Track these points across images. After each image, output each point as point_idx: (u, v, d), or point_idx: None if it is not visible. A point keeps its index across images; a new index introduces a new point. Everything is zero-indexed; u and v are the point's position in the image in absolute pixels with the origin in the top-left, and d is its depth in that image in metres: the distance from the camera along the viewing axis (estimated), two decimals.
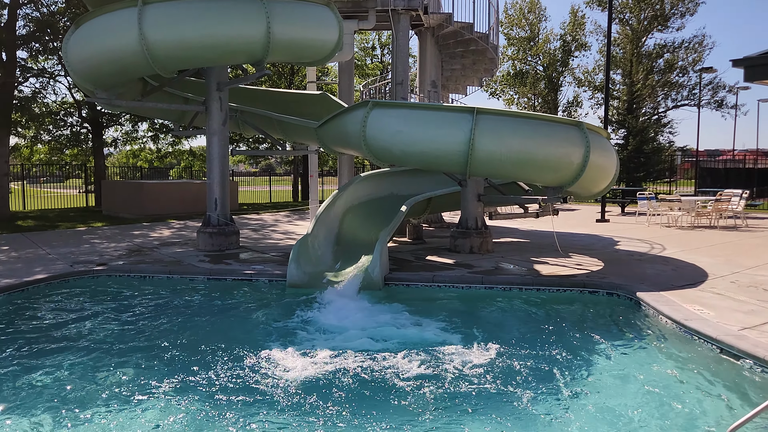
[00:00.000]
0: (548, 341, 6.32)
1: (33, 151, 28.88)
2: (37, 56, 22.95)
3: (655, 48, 35.83)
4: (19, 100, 21.37)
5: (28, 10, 21.48)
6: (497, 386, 5.07)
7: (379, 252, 8.83)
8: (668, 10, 34.55)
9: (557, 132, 9.16)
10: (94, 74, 10.40)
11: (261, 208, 25.89)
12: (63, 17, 21.73)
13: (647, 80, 34.35)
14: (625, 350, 6.07)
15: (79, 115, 26.26)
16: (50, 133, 26.51)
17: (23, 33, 20.99)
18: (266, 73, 10.84)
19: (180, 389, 5.05)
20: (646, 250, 11.81)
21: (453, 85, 22.05)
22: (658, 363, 5.68)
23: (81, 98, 24.69)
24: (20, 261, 10.49)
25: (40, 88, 23.65)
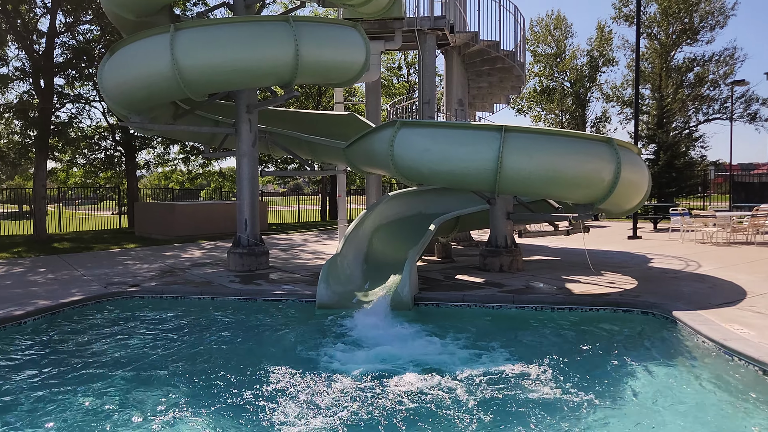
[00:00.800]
0: (582, 362, 6.19)
1: (69, 174, 29.64)
2: (73, 82, 23.66)
3: (684, 62, 35.42)
4: (56, 126, 21.98)
5: (65, 38, 22.20)
6: (529, 410, 4.97)
7: (408, 272, 8.80)
8: (697, 23, 34.18)
9: (587, 148, 9.07)
10: (128, 99, 10.66)
11: (290, 228, 26.08)
12: (98, 44, 22.41)
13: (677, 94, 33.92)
14: (662, 372, 5.91)
15: (113, 138, 26.91)
16: (85, 156, 27.22)
17: (60, 60, 21.67)
18: (295, 95, 10.99)
19: (211, 410, 5.07)
20: (680, 268, 11.56)
21: (480, 103, 22.03)
22: (696, 385, 5.51)
23: (115, 122, 25.32)
24: (57, 282, 10.72)
25: (76, 114, 24.38)
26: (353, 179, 37.11)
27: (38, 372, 6.15)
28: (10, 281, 10.97)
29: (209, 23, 10.53)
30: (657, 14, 34.90)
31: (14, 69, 22.27)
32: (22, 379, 5.93)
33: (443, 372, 5.85)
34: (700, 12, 34.05)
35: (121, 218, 27.81)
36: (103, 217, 29.50)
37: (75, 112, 24.49)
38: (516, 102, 40.77)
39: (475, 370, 5.88)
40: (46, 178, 21.22)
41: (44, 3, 20.97)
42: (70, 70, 21.90)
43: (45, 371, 6.18)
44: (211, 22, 11.22)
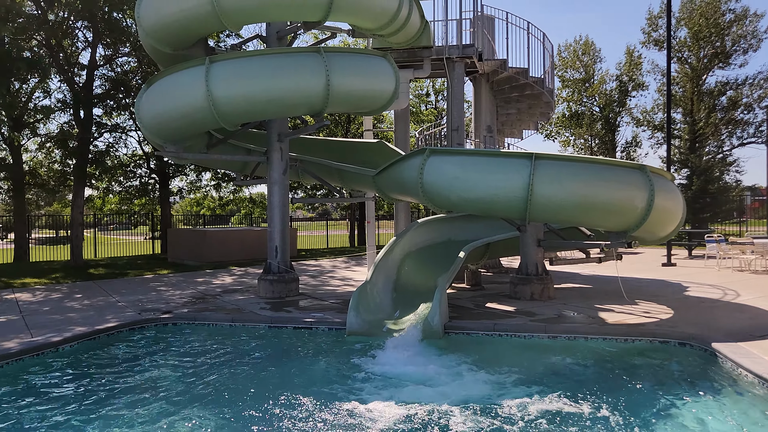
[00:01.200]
0: (618, 396, 6.05)
1: (105, 201, 30.38)
2: (111, 113, 24.42)
3: (716, 85, 34.95)
4: (94, 154, 22.63)
5: (104, 70, 22.98)
6: None
7: (438, 300, 8.76)
8: (729, 47, 33.79)
9: (619, 176, 8.99)
10: (164, 129, 10.95)
11: (319, 254, 26.21)
12: (135, 76, 23.13)
13: (710, 118, 33.43)
14: (702, 406, 5.74)
15: (148, 166, 27.56)
16: (121, 184, 27.90)
17: (99, 92, 22.41)
18: (325, 124, 11.15)
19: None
20: (718, 297, 11.27)
21: (508, 129, 22.04)
22: (739, 420, 5.34)
23: (150, 151, 25.95)
24: (92, 309, 10.93)
25: (113, 143, 25.10)
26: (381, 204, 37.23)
27: (74, 398, 6.26)
28: (49, 307, 11.23)
29: (243, 55, 10.80)
30: (687, 38, 34.63)
31: (56, 100, 23.12)
32: (59, 405, 6.03)
33: (474, 403, 5.78)
34: (732, 35, 33.68)
35: (154, 244, 28.31)
36: (137, 242, 30.09)
37: (112, 141, 25.23)
38: (545, 127, 40.62)
39: (508, 402, 5.79)
40: (83, 206, 21.78)
41: (86, 37, 21.78)
42: (108, 100, 22.61)
43: (80, 397, 6.28)
44: (245, 54, 11.52)
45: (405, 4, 11.18)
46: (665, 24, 20.99)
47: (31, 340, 8.11)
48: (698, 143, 30.91)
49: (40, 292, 13.50)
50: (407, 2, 11.28)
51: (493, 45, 15.96)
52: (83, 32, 21.64)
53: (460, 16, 14.78)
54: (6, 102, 19.29)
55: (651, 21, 36.09)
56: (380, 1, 10.86)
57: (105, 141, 24.93)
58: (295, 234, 26.44)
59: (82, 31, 21.58)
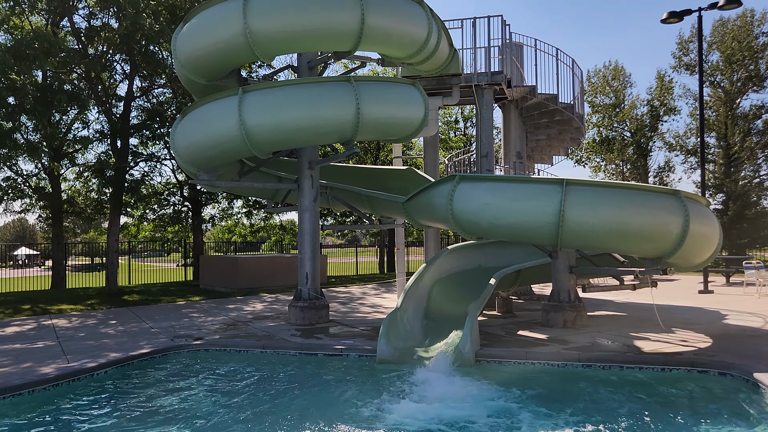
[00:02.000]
0: (654, 427, 5.89)
1: (139, 228, 31.00)
2: (146, 142, 25.06)
3: (751, 109, 34.37)
4: (130, 183, 23.21)
5: (141, 101, 23.66)
6: None
7: (469, 327, 8.67)
8: (763, 70, 33.27)
9: (653, 201, 8.87)
10: (197, 158, 11.19)
11: (348, 281, 26.24)
12: (170, 106, 23.75)
13: (745, 142, 32.82)
14: None
15: (181, 194, 28.11)
16: (155, 211, 28.46)
17: (135, 122, 23.05)
18: (356, 152, 11.27)
19: None
20: (759, 325, 10.94)
21: (538, 155, 21.94)
22: None
23: (183, 179, 26.49)
24: (126, 335, 11.10)
25: (148, 171, 25.71)
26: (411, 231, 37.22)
27: (108, 422, 6.33)
28: (84, 333, 11.43)
29: (275, 85, 11.03)
30: (720, 62, 34.24)
31: (94, 131, 23.85)
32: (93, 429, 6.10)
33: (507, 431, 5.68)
34: (766, 58, 33.20)
35: (186, 270, 28.72)
36: (169, 269, 30.54)
37: (147, 170, 25.85)
38: (575, 153, 40.32)
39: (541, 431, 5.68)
40: (118, 233, 22.26)
41: (123, 70, 22.51)
42: (144, 130, 23.23)
43: (115, 421, 6.35)
44: (277, 84, 11.76)
45: (434, 33, 11.33)
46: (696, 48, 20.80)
47: (67, 366, 8.25)
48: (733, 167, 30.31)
49: (76, 318, 13.76)
50: (436, 31, 11.42)
51: (522, 71, 16.02)
52: (121, 65, 22.39)
53: (488, 43, 14.90)
54: (47, 133, 20.00)
55: (682, 45, 35.83)
56: (409, 31, 11.03)
57: (140, 170, 25.59)
58: (325, 261, 26.56)
59: (120, 64, 22.33)
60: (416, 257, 34.79)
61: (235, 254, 30.13)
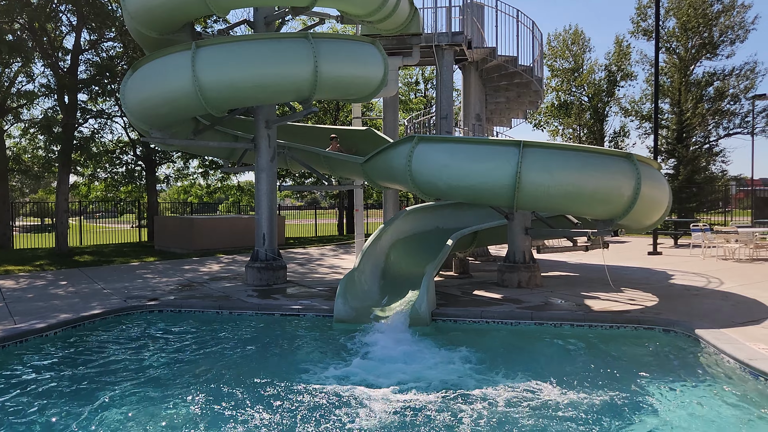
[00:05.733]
0: (602, 381, 6.11)
1: (90, 188, 30.08)
2: (96, 98, 24.09)
3: (704, 76, 35.15)
4: (79, 141, 22.37)
5: (89, 55, 22.65)
6: (546, 428, 4.91)
7: (426, 287, 8.77)
8: (717, 37, 33.94)
9: (607, 164, 9.02)
10: (149, 115, 10.82)
11: (307, 242, 26.16)
12: (121, 61, 22.83)
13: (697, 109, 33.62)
14: (685, 391, 5.81)
15: (134, 153, 27.30)
16: (106, 170, 27.61)
17: (84, 77, 22.10)
18: (313, 111, 11.08)
19: (226, 423, 5.07)
20: (702, 285, 11.39)
21: (497, 117, 22.04)
22: (720, 405, 5.40)
23: (136, 137, 25.70)
24: (77, 296, 10.84)
25: (98, 129, 24.80)
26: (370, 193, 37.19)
27: (58, 383, 6.21)
28: (33, 294, 11.12)
29: (230, 40, 10.67)
30: (676, 29, 34.74)
31: (40, 85, 22.78)
32: (42, 390, 5.98)
33: (460, 388, 5.81)
34: (719, 26, 33.83)
35: (141, 232, 28.13)
36: (124, 230, 29.86)
37: (97, 127, 24.94)
38: (534, 116, 40.67)
39: (493, 388, 5.83)
40: (68, 192, 21.53)
41: (70, 21, 21.43)
42: (93, 86, 22.31)
43: (65, 383, 6.23)
44: (232, 39, 11.37)
45: None
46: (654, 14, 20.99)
47: (15, 327, 8.02)
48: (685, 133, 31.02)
49: (24, 280, 13.36)
50: None
51: (482, 33, 15.91)
52: (67, 16, 21.27)
53: (449, 3, 14.73)
54: None
55: (640, 10, 36.16)
56: None
57: (90, 127, 24.67)
58: (283, 222, 26.36)
59: (66, 15, 21.21)
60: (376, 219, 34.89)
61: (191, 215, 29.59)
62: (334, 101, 31.11)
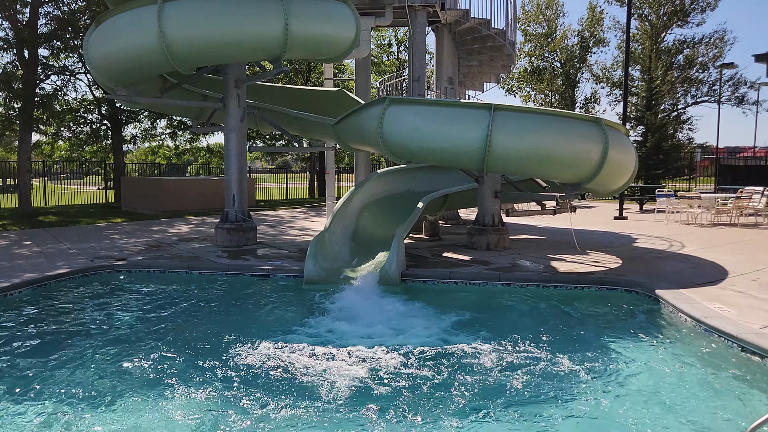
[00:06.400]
0: (565, 339, 6.30)
1: (54, 147, 29.27)
2: (58, 54, 23.25)
3: (674, 44, 35.45)
4: (41, 98, 21.66)
5: (50, 8, 21.76)
6: (512, 383, 5.07)
7: (395, 248, 8.84)
8: (688, 5, 34.14)
9: (576, 128, 9.11)
10: (114, 71, 10.52)
11: (278, 204, 26.01)
12: (83, 15, 21.99)
13: (666, 76, 33.99)
14: (644, 348, 6.03)
15: (99, 112, 26.57)
16: (70, 129, 26.86)
17: (45, 31, 21.27)
18: (284, 70, 10.90)
19: (195, 382, 5.11)
20: (665, 248, 11.71)
21: (470, 81, 21.98)
22: (677, 361, 5.63)
23: (101, 95, 24.97)
24: (42, 255, 10.66)
25: (61, 86, 23.99)
26: (342, 157, 36.99)
27: (23, 343, 6.15)
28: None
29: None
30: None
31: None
32: (7, 350, 5.92)
33: (428, 346, 5.92)
34: None
35: (108, 193, 27.59)
36: (89, 191, 29.25)
37: (60, 84, 24.12)
38: (506, 81, 40.65)
39: (459, 346, 5.96)
40: (30, 151, 20.95)
41: None
42: (54, 41, 21.51)
43: (30, 342, 6.18)
44: None
45: None
46: None
47: None
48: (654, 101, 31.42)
49: None
50: None
51: None
52: None
53: None
54: None
55: None
56: None
57: (52, 84, 23.86)
58: (254, 184, 26.13)
59: None
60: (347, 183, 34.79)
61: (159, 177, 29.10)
62: (305, 61, 30.60)
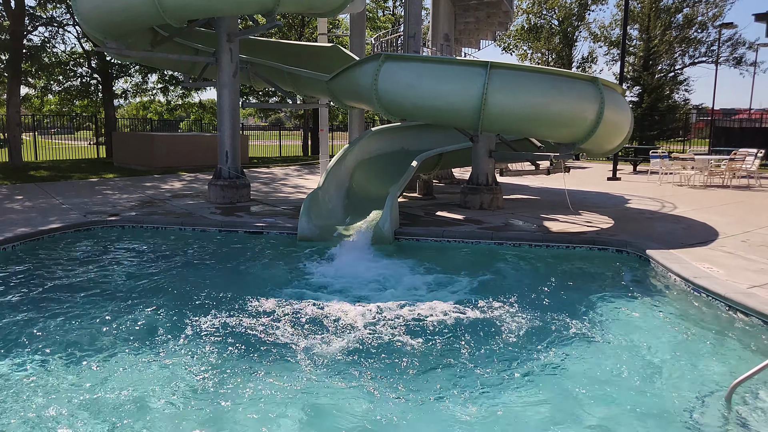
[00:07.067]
0: (556, 297, 6.38)
1: (43, 101, 28.83)
2: (45, 4, 22.67)
3: (673, 2, 34.86)
4: (28, 50, 21.22)
5: None
6: (502, 339, 5.15)
7: (389, 207, 8.85)
8: None
9: (572, 87, 9.03)
10: (104, 23, 10.30)
11: (271, 162, 25.88)
12: None
13: (665, 36, 33.52)
14: (634, 306, 6.12)
15: (89, 65, 26.09)
16: (60, 83, 26.41)
17: None
18: (277, 24, 10.69)
19: (189, 336, 5.17)
20: (657, 209, 11.78)
21: (466, 38, 21.65)
22: (665, 319, 5.73)
23: (90, 48, 24.49)
24: (35, 210, 10.62)
25: (49, 38, 23.49)
26: (335, 114, 36.63)
27: (16, 297, 6.18)
28: None
29: None
30: None
31: None
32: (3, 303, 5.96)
33: (419, 302, 6.00)
34: None
35: (99, 148, 27.32)
36: (80, 147, 28.94)
37: (48, 35, 23.62)
38: (502, 39, 40.06)
39: (451, 302, 6.03)
40: (19, 105, 20.64)
41: None
42: None
43: (23, 297, 6.21)
44: None
45: None
46: None
47: None
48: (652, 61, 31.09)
49: None
50: None
51: None
52: None
53: None
54: None
55: None
56: None
57: (40, 35, 23.39)
58: (247, 141, 25.90)
59: None
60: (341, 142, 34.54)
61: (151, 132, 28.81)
62: (299, 16, 29.98)
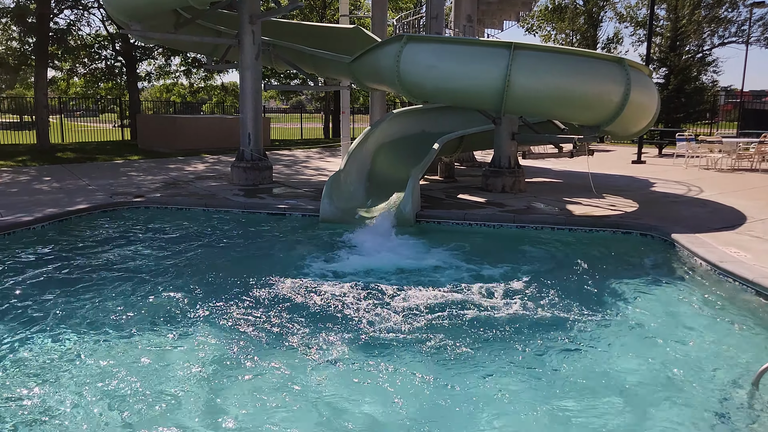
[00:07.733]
0: (579, 281, 6.35)
1: (69, 84, 29.22)
2: None
3: None
4: (55, 32, 21.46)
5: None
6: (525, 324, 5.15)
7: (411, 189, 8.84)
8: None
9: (597, 68, 8.91)
10: (128, 6, 10.38)
11: (293, 144, 25.96)
12: None
13: (693, 15, 32.73)
14: (658, 291, 6.07)
15: (113, 48, 26.33)
16: (85, 66, 26.72)
17: None
18: (299, 6, 10.68)
19: (213, 315, 5.25)
20: (682, 192, 11.60)
21: (489, 19, 21.37)
22: (691, 304, 5.67)
23: (115, 31, 24.70)
24: (62, 191, 10.82)
25: (74, 20, 23.74)
26: (357, 97, 36.56)
27: (46, 276, 6.33)
28: (17, 189, 11.07)
29: None
30: None
31: None
32: (31, 282, 6.10)
33: (441, 284, 6.02)
34: None
35: (123, 131, 27.65)
36: (105, 129, 29.31)
37: (73, 18, 23.87)
38: (526, 20, 39.46)
39: (473, 285, 6.03)
40: (47, 87, 20.92)
41: None
42: None
43: (53, 275, 6.35)
44: None
45: None
46: None
47: (2, 219, 8.05)
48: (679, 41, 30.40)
49: (7, 174, 13.25)
50: None
51: None
52: None
53: None
54: None
55: None
56: None
57: (66, 18, 23.64)
58: (269, 124, 26.00)
59: None
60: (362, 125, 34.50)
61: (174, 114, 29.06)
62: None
